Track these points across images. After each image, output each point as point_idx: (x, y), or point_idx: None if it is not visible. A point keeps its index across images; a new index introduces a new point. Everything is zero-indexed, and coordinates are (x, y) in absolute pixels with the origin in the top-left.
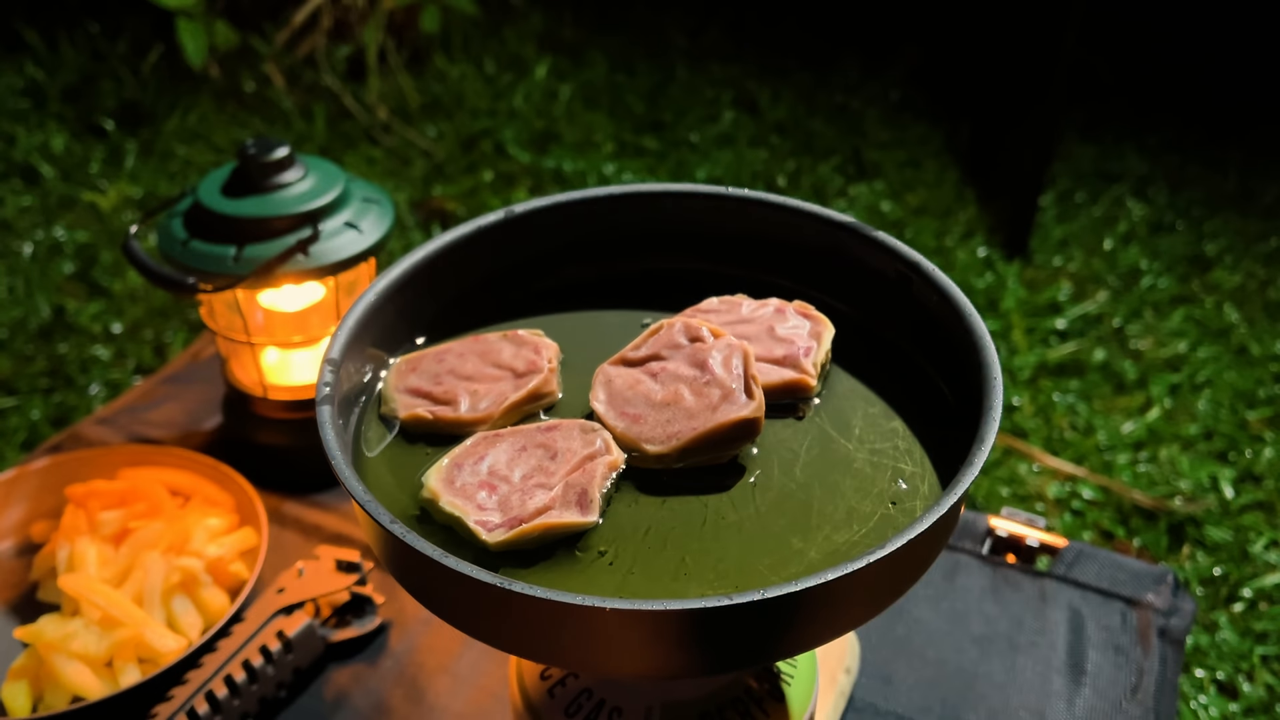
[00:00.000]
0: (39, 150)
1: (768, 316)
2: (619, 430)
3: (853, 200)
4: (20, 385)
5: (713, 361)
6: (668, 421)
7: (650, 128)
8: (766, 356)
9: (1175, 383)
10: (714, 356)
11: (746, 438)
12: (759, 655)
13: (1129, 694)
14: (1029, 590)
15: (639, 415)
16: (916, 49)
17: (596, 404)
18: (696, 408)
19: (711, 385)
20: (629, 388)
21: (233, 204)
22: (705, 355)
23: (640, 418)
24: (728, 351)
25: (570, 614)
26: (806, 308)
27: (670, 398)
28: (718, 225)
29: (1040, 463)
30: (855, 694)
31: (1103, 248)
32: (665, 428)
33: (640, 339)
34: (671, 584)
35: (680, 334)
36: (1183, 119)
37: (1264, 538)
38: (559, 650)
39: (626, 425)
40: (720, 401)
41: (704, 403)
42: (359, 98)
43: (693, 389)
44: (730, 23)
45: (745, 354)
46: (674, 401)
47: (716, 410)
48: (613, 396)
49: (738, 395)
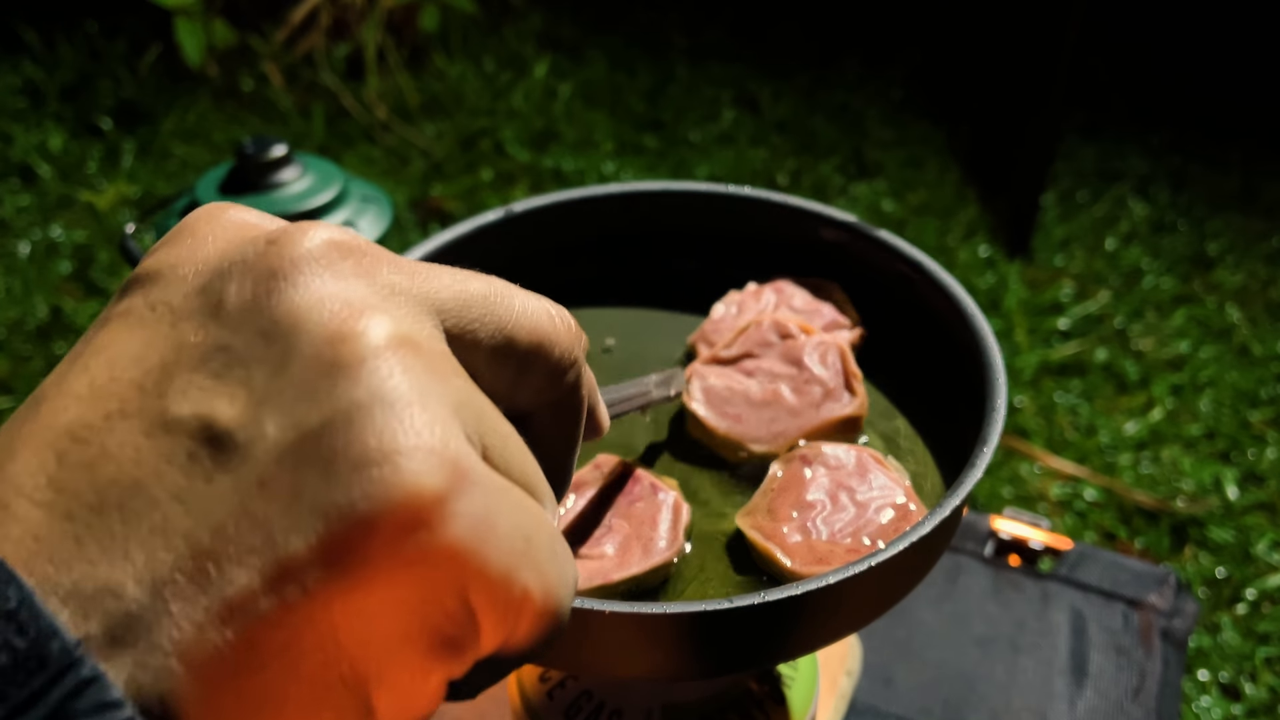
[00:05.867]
0: (37, 150)
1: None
2: (721, 430)
3: (854, 199)
4: (18, 385)
5: (809, 359)
6: (771, 420)
7: (650, 126)
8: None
9: (1177, 383)
10: (809, 354)
11: (849, 434)
12: (760, 658)
13: (1131, 695)
14: (1031, 591)
15: (739, 415)
16: (918, 48)
17: (695, 405)
18: (799, 406)
19: (812, 383)
20: (726, 387)
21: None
22: (800, 352)
23: (741, 417)
24: (823, 348)
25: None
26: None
27: (770, 396)
28: (718, 224)
29: (1042, 463)
30: (856, 696)
31: (1104, 247)
32: (769, 426)
33: (730, 337)
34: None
35: (771, 331)
36: (1184, 118)
37: (1267, 538)
38: (558, 652)
39: (729, 425)
40: (823, 399)
41: (806, 400)
42: (358, 97)
43: (792, 386)
44: (731, 22)
45: (841, 351)
46: (774, 400)
47: (820, 408)
48: (710, 397)
49: (840, 393)
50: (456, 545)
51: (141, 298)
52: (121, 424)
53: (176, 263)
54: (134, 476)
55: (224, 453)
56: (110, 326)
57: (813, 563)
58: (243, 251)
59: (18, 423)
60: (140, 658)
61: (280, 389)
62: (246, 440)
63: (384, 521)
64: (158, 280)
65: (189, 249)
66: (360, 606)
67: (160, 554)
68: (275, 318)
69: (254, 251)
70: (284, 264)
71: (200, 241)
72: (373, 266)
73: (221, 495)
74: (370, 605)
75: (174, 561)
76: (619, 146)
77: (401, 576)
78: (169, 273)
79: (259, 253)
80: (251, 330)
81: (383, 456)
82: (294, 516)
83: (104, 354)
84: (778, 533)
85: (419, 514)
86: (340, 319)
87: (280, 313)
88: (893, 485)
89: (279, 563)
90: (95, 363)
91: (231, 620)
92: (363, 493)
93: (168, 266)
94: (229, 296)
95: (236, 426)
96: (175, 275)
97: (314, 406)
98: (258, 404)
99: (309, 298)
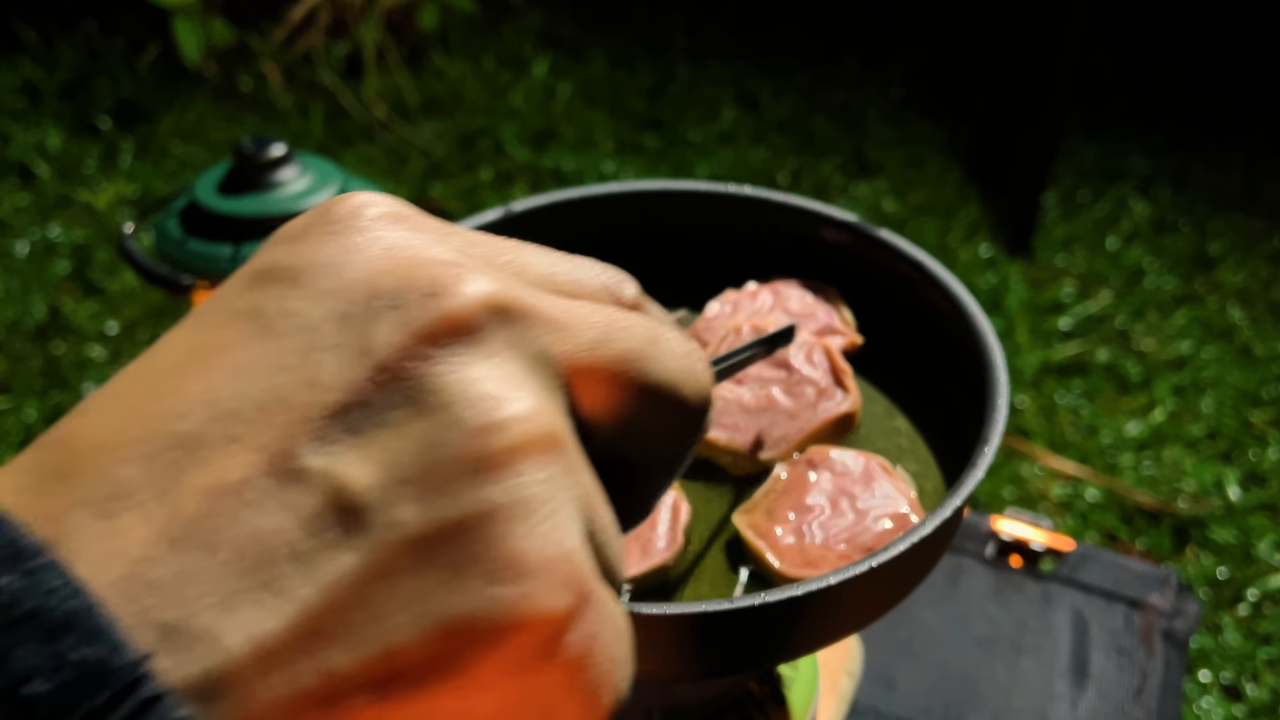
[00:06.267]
0: (35, 149)
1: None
2: (721, 441)
3: (855, 199)
4: (16, 386)
5: (796, 360)
6: (770, 425)
7: (650, 126)
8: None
9: (1179, 383)
10: (795, 355)
11: (845, 431)
12: (760, 659)
13: (1133, 696)
14: (1032, 592)
15: (737, 424)
16: (919, 47)
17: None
18: (795, 408)
19: (803, 383)
20: (718, 398)
21: (229, 202)
22: (785, 355)
23: (739, 426)
24: (808, 348)
25: None
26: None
27: (764, 402)
28: (718, 224)
29: (1043, 464)
30: (857, 697)
31: (1106, 247)
32: (770, 432)
33: (710, 347)
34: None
35: (751, 337)
36: (1186, 118)
37: (1268, 539)
38: None
39: (729, 436)
40: (818, 399)
41: (801, 402)
42: (357, 96)
43: (785, 389)
44: (731, 21)
45: (826, 349)
46: (770, 405)
47: (817, 408)
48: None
49: (832, 390)
50: (565, 668)
51: (276, 300)
52: (244, 456)
53: (321, 267)
54: (252, 523)
55: (352, 523)
56: (238, 326)
57: (802, 565)
58: (396, 290)
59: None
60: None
61: (422, 472)
62: (378, 519)
63: (505, 639)
64: (293, 283)
65: (340, 253)
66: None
67: (267, 615)
68: (426, 387)
69: (410, 297)
70: (443, 325)
71: (352, 250)
72: (527, 332)
73: (341, 571)
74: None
75: (279, 627)
76: (619, 146)
77: (506, 693)
78: (310, 278)
79: (416, 303)
80: (397, 393)
81: (516, 574)
82: (415, 615)
83: (228, 358)
84: (771, 533)
85: (541, 636)
86: (491, 407)
87: (432, 383)
88: (897, 495)
89: (389, 657)
90: (218, 367)
91: (328, 703)
92: (491, 608)
93: (310, 269)
94: (378, 342)
95: (369, 500)
96: (316, 285)
97: (454, 503)
98: (395, 482)
99: (464, 373)
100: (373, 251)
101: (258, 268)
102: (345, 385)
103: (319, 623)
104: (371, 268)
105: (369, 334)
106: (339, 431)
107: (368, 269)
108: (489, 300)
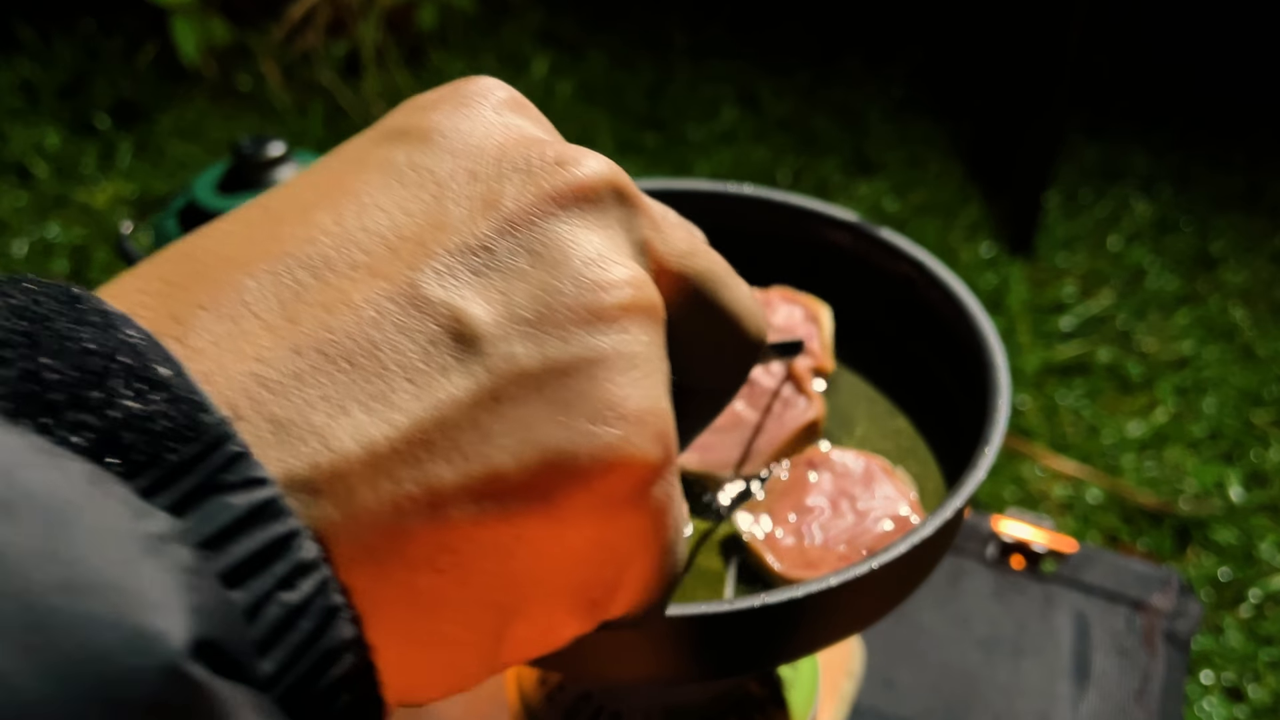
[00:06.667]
0: (33, 148)
1: None
2: (693, 464)
3: (856, 198)
4: None
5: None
6: (741, 441)
7: (650, 125)
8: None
9: (1181, 383)
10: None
11: (812, 439)
12: (760, 661)
13: (1134, 698)
14: (1033, 593)
15: (708, 444)
16: (919, 46)
17: None
18: (763, 421)
19: (764, 395)
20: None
21: (228, 202)
22: None
23: (710, 446)
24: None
25: None
26: (789, 292)
27: (731, 420)
28: (717, 223)
29: (1045, 464)
30: (858, 698)
31: (1107, 247)
32: (741, 448)
33: None
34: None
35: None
36: (1188, 117)
37: (1270, 540)
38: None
39: (701, 457)
40: (783, 410)
41: (768, 416)
42: (356, 95)
43: (749, 403)
44: (731, 19)
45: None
46: (737, 422)
47: (784, 419)
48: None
49: (795, 399)
50: (649, 515)
51: (404, 153)
52: (368, 280)
53: (449, 132)
54: (371, 338)
55: (467, 352)
56: (366, 173)
57: (801, 567)
58: (527, 157)
59: (250, 227)
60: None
61: (537, 314)
62: (493, 350)
63: (601, 478)
64: (425, 142)
65: (466, 122)
66: (544, 546)
67: (378, 422)
68: (547, 241)
69: (539, 164)
70: (569, 191)
71: (478, 122)
72: (635, 218)
73: (453, 392)
74: (552, 548)
75: (390, 434)
76: (619, 145)
77: (591, 531)
78: (439, 139)
79: (545, 169)
80: (519, 243)
81: (618, 417)
82: (519, 441)
83: (356, 199)
84: (770, 534)
85: (632, 481)
86: (604, 268)
87: (553, 238)
88: (897, 497)
89: (491, 478)
90: (346, 204)
91: (428, 513)
92: (591, 445)
93: (438, 132)
94: (504, 198)
95: (486, 333)
96: (445, 145)
97: (565, 345)
98: (511, 320)
99: (582, 236)
100: (499, 125)
101: (389, 127)
102: (472, 230)
103: (429, 436)
104: (500, 137)
105: (498, 190)
106: (462, 270)
107: (497, 138)
108: (611, 179)
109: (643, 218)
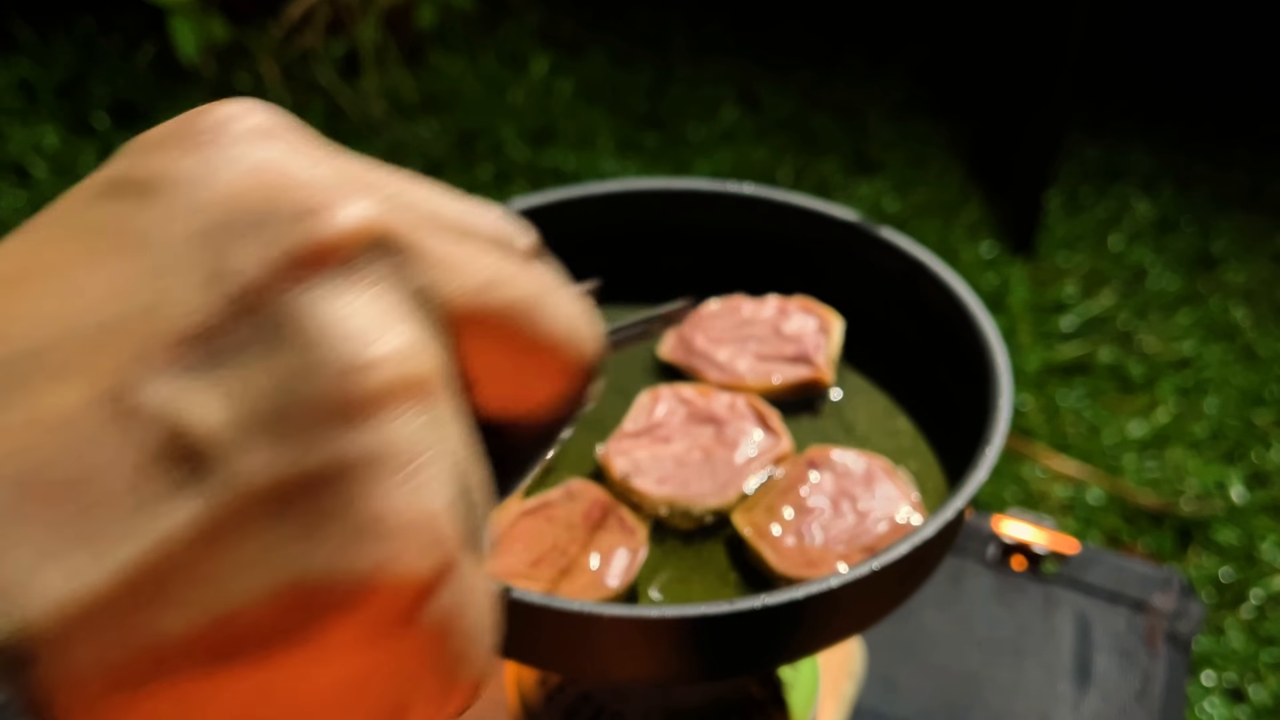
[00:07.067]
0: (32, 148)
1: (771, 317)
2: (665, 495)
3: (856, 198)
4: None
5: (717, 408)
6: (713, 473)
7: (651, 124)
8: (777, 355)
9: (1182, 383)
10: (715, 405)
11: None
12: (760, 661)
13: (1135, 699)
14: (1034, 594)
15: (684, 478)
16: (920, 45)
17: (633, 480)
18: (734, 456)
19: (733, 431)
20: (651, 458)
21: None
22: (707, 408)
23: (684, 480)
24: (729, 400)
25: (567, 621)
26: (809, 302)
27: (703, 453)
28: (719, 222)
29: (1046, 464)
30: (858, 699)
31: (1109, 246)
32: (714, 479)
33: (628, 415)
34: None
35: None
36: (1189, 116)
37: (1272, 540)
38: (556, 656)
39: (675, 490)
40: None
41: (739, 451)
42: (355, 94)
43: (718, 438)
44: (732, 18)
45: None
46: (709, 454)
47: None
48: (639, 470)
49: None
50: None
51: (125, 216)
52: (75, 387)
53: (178, 182)
54: (79, 464)
55: (193, 469)
56: (80, 242)
57: (802, 566)
58: (269, 209)
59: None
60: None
61: (277, 416)
62: (224, 466)
63: (360, 605)
64: (145, 196)
65: (200, 167)
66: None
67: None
68: (288, 320)
69: (281, 218)
70: (314, 250)
71: (213, 164)
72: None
73: (178, 521)
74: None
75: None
76: (619, 144)
77: (360, 662)
78: (164, 193)
79: (285, 225)
80: (254, 324)
81: (379, 535)
82: (256, 576)
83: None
84: (771, 533)
85: (399, 603)
86: (360, 345)
87: (295, 316)
88: (898, 497)
89: (223, 623)
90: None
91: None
92: (346, 570)
93: (165, 183)
94: (236, 267)
95: (215, 444)
96: (171, 202)
97: (311, 451)
98: (244, 426)
99: (334, 305)
100: (238, 168)
101: (108, 178)
102: (195, 313)
103: (149, 580)
104: (235, 186)
105: (226, 258)
106: (184, 365)
107: (230, 187)
108: (366, 227)
109: (419, 263)
